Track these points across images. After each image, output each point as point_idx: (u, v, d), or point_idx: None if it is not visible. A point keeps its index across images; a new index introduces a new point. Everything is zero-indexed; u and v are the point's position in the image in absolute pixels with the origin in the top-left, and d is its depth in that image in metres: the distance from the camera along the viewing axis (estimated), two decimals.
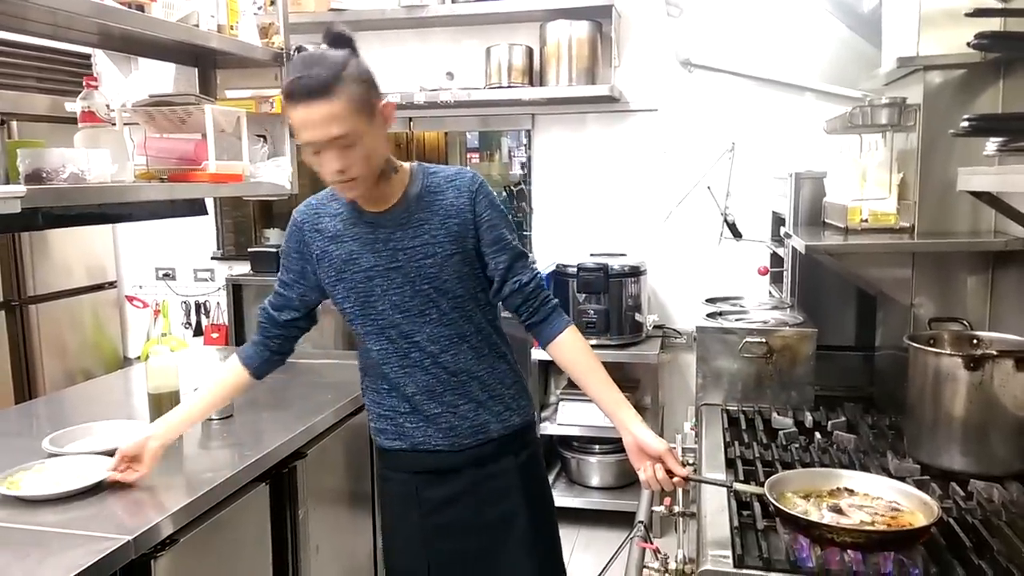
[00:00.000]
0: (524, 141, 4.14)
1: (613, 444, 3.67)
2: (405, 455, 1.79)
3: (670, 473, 1.54)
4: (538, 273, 1.78)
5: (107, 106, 2.19)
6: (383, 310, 1.71)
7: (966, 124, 1.03)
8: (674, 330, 3.83)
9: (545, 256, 3.91)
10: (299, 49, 2.60)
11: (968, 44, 1.04)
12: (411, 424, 1.76)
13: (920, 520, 1.37)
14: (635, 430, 1.60)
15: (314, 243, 1.74)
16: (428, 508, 1.78)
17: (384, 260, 1.68)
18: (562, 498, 3.62)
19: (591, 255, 3.69)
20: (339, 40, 1.59)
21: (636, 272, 3.60)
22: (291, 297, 1.83)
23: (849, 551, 1.30)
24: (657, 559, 1.53)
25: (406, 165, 1.74)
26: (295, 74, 1.50)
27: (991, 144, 1.11)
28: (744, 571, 1.30)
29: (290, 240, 1.79)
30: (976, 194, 1.53)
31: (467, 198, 1.71)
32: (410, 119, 4.12)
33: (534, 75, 3.75)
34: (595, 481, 3.69)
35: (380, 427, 1.82)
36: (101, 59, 2.61)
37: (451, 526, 1.78)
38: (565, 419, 3.59)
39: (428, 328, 1.70)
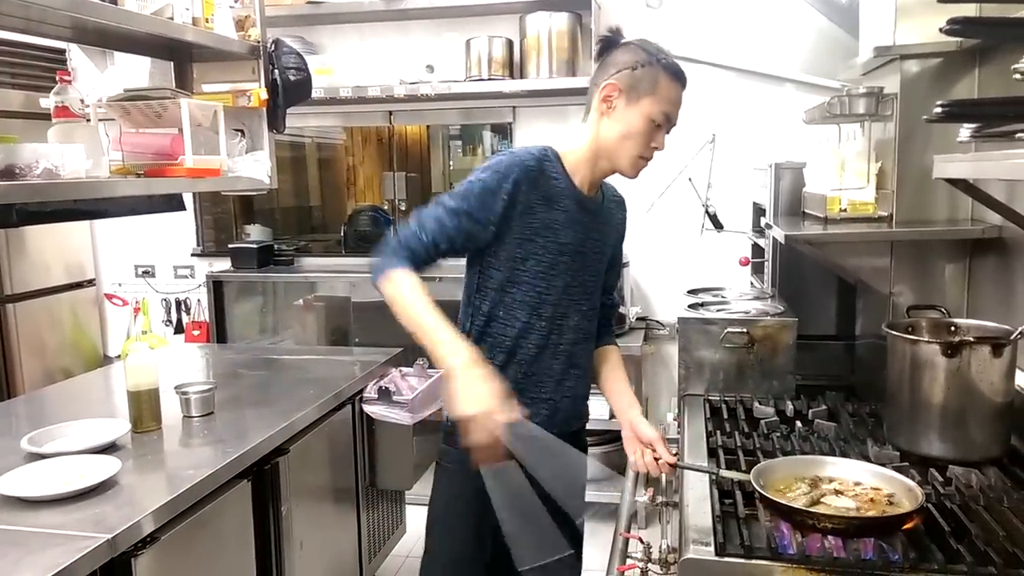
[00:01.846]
0: (505, 133, 4.13)
1: (600, 436, 3.68)
2: None
3: (659, 460, 1.65)
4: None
5: (81, 101, 2.16)
6: (555, 285, 1.70)
7: (939, 110, 1.03)
8: (657, 322, 3.84)
9: None
10: (276, 42, 2.59)
11: (940, 30, 1.05)
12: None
13: (905, 506, 1.39)
14: (632, 416, 1.76)
15: (525, 193, 1.63)
16: None
17: (578, 241, 1.72)
18: None
19: None
20: (618, 32, 1.72)
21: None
22: (461, 236, 1.62)
23: (830, 537, 1.31)
24: (639, 549, 1.53)
25: None
26: (670, 56, 1.66)
27: (965, 130, 1.12)
28: (725, 559, 1.31)
29: (503, 180, 1.60)
30: (952, 182, 1.54)
31: (623, 215, 1.91)
32: (390, 112, 4.10)
33: (514, 67, 3.74)
34: None
35: None
36: (76, 54, 2.57)
37: None
38: None
39: (576, 317, 1.76)
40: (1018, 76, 0.95)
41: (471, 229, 1.62)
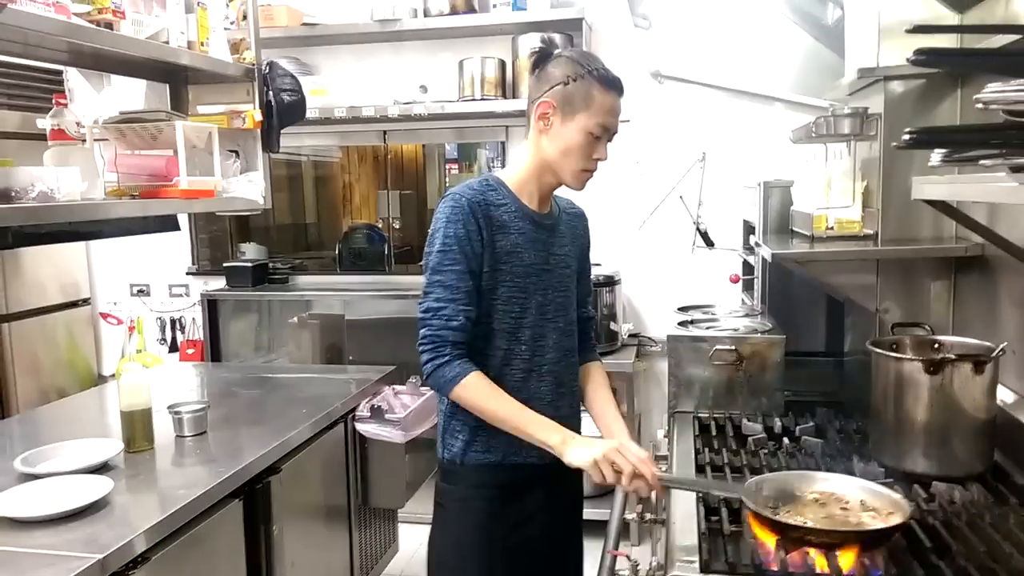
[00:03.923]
0: (499, 152, 4.16)
1: None
2: (491, 469, 1.71)
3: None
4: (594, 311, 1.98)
5: (77, 123, 2.19)
6: (528, 308, 1.70)
7: (907, 137, 1.06)
8: (649, 338, 3.87)
9: None
10: (271, 64, 2.62)
11: (908, 60, 1.08)
12: (505, 434, 1.66)
13: (894, 519, 1.40)
14: (619, 435, 1.72)
15: (484, 228, 1.65)
16: (508, 527, 1.72)
17: (540, 260, 1.72)
18: None
19: None
20: (552, 43, 1.78)
21: (611, 281, 3.63)
22: (472, 289, 1.64)
23: (813, 553, 1.33)
24: (627, 566, 1.54)
25: None
26: (601, 66, 1.66)
27: (935, 156, 1.15)
28: None
29: (466, 224, 1.62)
30: (931, 203, 1.57)
31: (584, 225, 1.91)
32: (384, 132, 4.13)
33: (507, 88, 3.78)
34: None
35: (469, 439, 1.71)
36: (73, 75, 2.60)
37: (527, 544, 1.74)
38: None
39: (555, 336, 1.75)
40: (980, 106, 0.98)
41: (474, 282, 1.64)
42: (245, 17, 2.62)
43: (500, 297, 1.67)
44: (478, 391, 1.61)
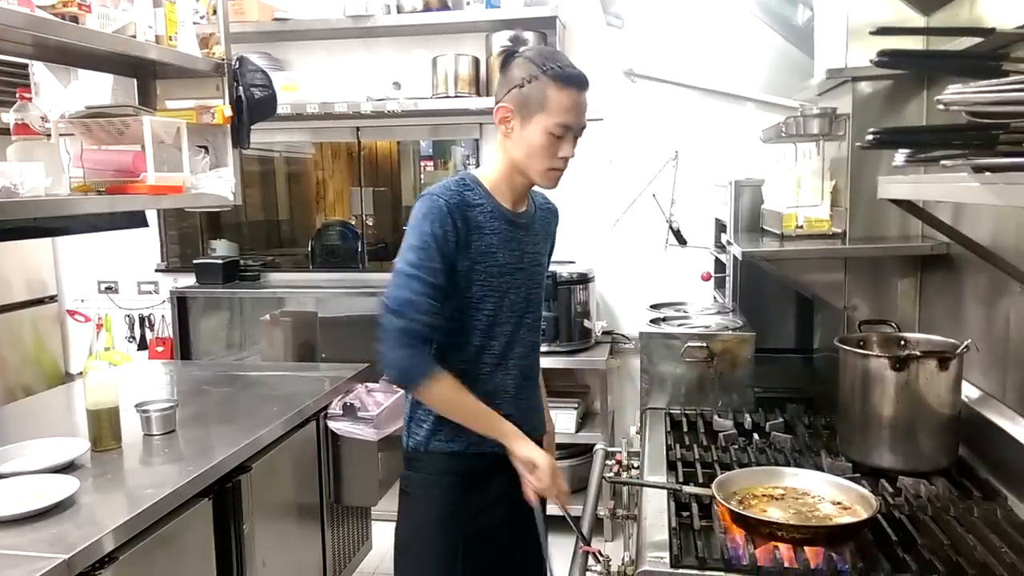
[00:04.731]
0: (474, 150, 4.16)
1: (564, 450, 3.71)
2: (453, 457, 1.74)
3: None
4: None
5: (42, 118, 2.15)
6: (501, 306, 1.72)
7: (871, 137, 1.08)
8: (622, 335, 3.88)
9: None
10: (241, 59, 2.59)
11: (871, 61, 1.09)
12: None
13: (861, 514, 1.43)
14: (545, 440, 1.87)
15: (460, 227, 1.65)
16: (471, 514, 1.75)
17: (514, 259, 1.73)
18: None
19: None
20: (519, 41, 1.73)
21: (584, 279, 3.64)
22: (445, 287, 1.65)
23: (782, 547, 1.35)
24: (599, 562, 1.55)
25: None
26: (564, 62, 1.63)
27: (900, 156, 1.17)
28: (680, 571, 1.34)
29: (443, 224, 1.62)
30: (897, 202, 1.59)
31: (555, 221, 1.92)
32: (357, 128, 4.11)
33: (481, 85, 3.77)
34: None
35: (432, 428, 1.74)
36: (39, 69, 2.55)
37: (488, 532, 1.77)
38: None
39: (523, 331, 1.77)
40: (941, 107, 0.99)
41: (448, 281, 1.64)
42: (215, 11, 2.59)
43: (475, 296, 1.69)
44: (450, 388, 1.65)
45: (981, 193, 1.05)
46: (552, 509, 1.79)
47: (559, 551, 1.79)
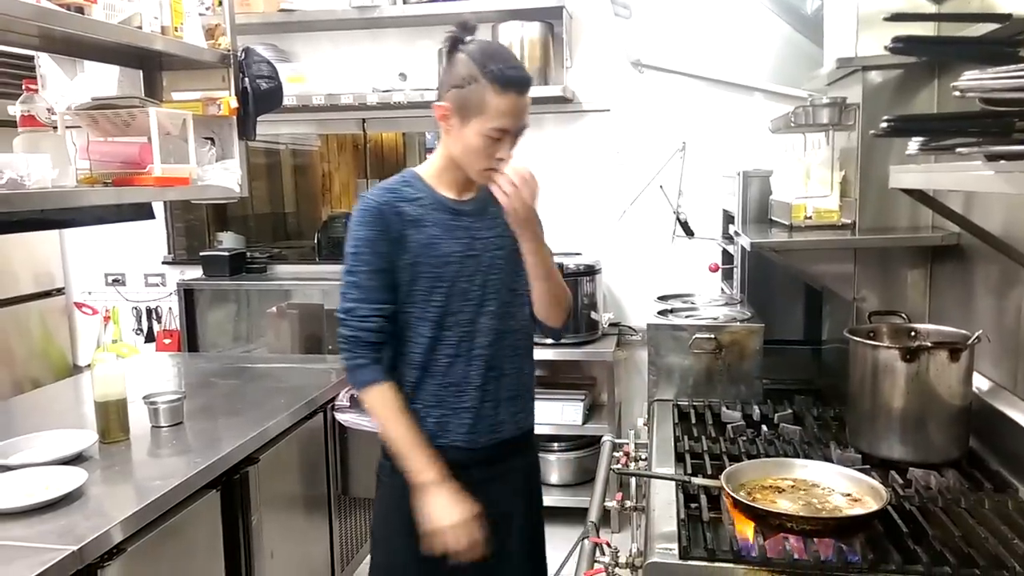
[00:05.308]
0: None
1: (571, 442, 3.71)
2: None
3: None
4: None
5: (48, 110, 2.15)
6: (450, 295, 1.70)
7: (885, 125, 1.06)
8: (629, 327, 3.87)
9: None
10: (247, 51, 2.58)
11: (886, 48, 1.08)
12: (434, 418, 1.74)
13: (872, 505, 1.42)
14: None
15: (394, 226, 1.68)
16: None
17: (462, 247, 1.71)
18: None
19: None
20: (466, 28, 1.68)
21: (591, 271, 3.63)
22: (386, 286, 1.69)
23: (791, 539, 1.34)
24: (607, 553, 1.55)
25: None
26: (505, 63, 1.61)
27: (913, 144, 1.15)
28: (689, 562, 1.33)
29: (373, 225, 1.67)
30: (908, 191, 1.58)
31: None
32: (363, 120, 4.10)
33: None
34: (554, 478, 3.71)
35: None
36: (44, 61, 2.55)
37: None
38: None
39: (484, 319, 1.73)
40: (957, 94, 0.98)
41: (387, 279, 1.69)
42: (220, 2, 2.58)
43: (421, 288, 1.70)
44: (381, 403, 1.69)
45: (995, 182, 1.04)
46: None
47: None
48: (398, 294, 1.70)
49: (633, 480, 2.00)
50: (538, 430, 3.57)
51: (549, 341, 3.56)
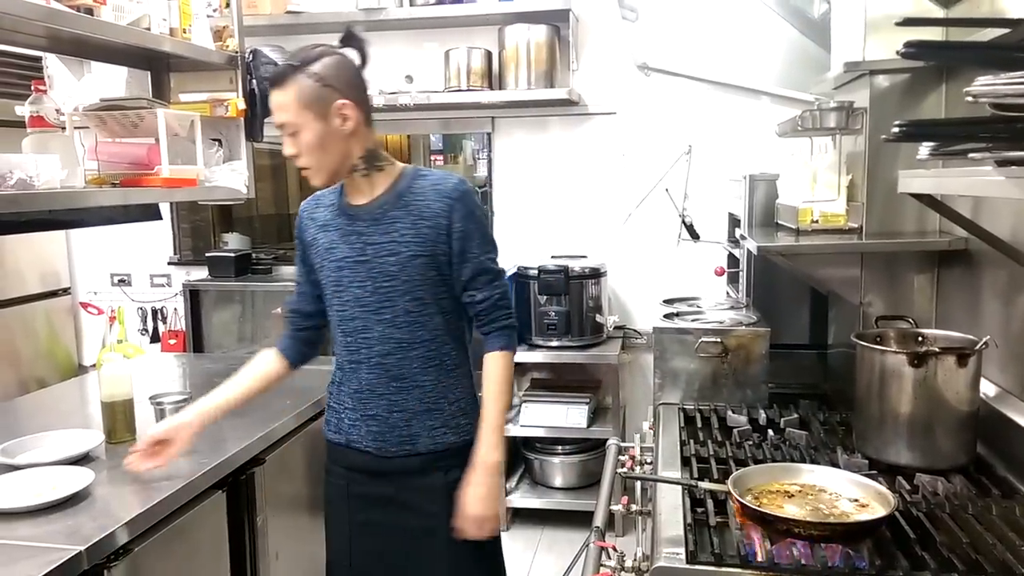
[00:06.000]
0: (485, 143, 4.15)
1: (576, 445, 3.70)
2: (342, 450, 1.86)
3: None
4: (496, 292, 1.79)
5: (57, 111, 2.15)
6: (347, 301, 1.75)
7: (896, 130, 1.06)
8: (634, 331, 3.87)
9: (507, 258, 3.91)
10: (254, 52, 2.59)
11: (897, 52, 1.08)
12: (349, 420, 1.82)
13: (879, 511, 1.41)
14: (483, 438, 1.75)
15: (308, 230, 1.83)
16: (357, 505, 1.84)
17: (354, 252, 1.74)
18: (525, 499, 3.64)
19: (552, 257, 3.71)
20: (348, 39, 1.81)
21: (597, 274, 3.63)
22: (309, 285, 1.88)
23: (799, 544, 1.34)
24: (613, 557, 1.55)
25: (399, 165, 1.79)
26: (270, 65, 1.74)
27: (924, 149, 1.15)
28: (696, 567, 1.33)
29: (298, 229, 1.88)
30: (917, 196, 1.57)
31: (445, 204, 1.72)
32: None
33: (493, 78, 3.76)
34: (558, 482, 3.71)
35: (327, 417, 1.92)
36: (52, 61, 2.55)
37: (376, 526, 1.83)
38: (528, 420, 3.61)
39: (381, 327, 1.74)
40: (969, 99, 0.98)
41: (312, 280, 1.86)
42: (228, 4, 2.58)
43: (328, 291, 1.79)
44: (251, 361, 1.95)
45: (1006, 187, 1.04)
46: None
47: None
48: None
49: (639, 484, 1.99)
50: (542, 434, 3.63)
51: (553, 343, 3.58)
